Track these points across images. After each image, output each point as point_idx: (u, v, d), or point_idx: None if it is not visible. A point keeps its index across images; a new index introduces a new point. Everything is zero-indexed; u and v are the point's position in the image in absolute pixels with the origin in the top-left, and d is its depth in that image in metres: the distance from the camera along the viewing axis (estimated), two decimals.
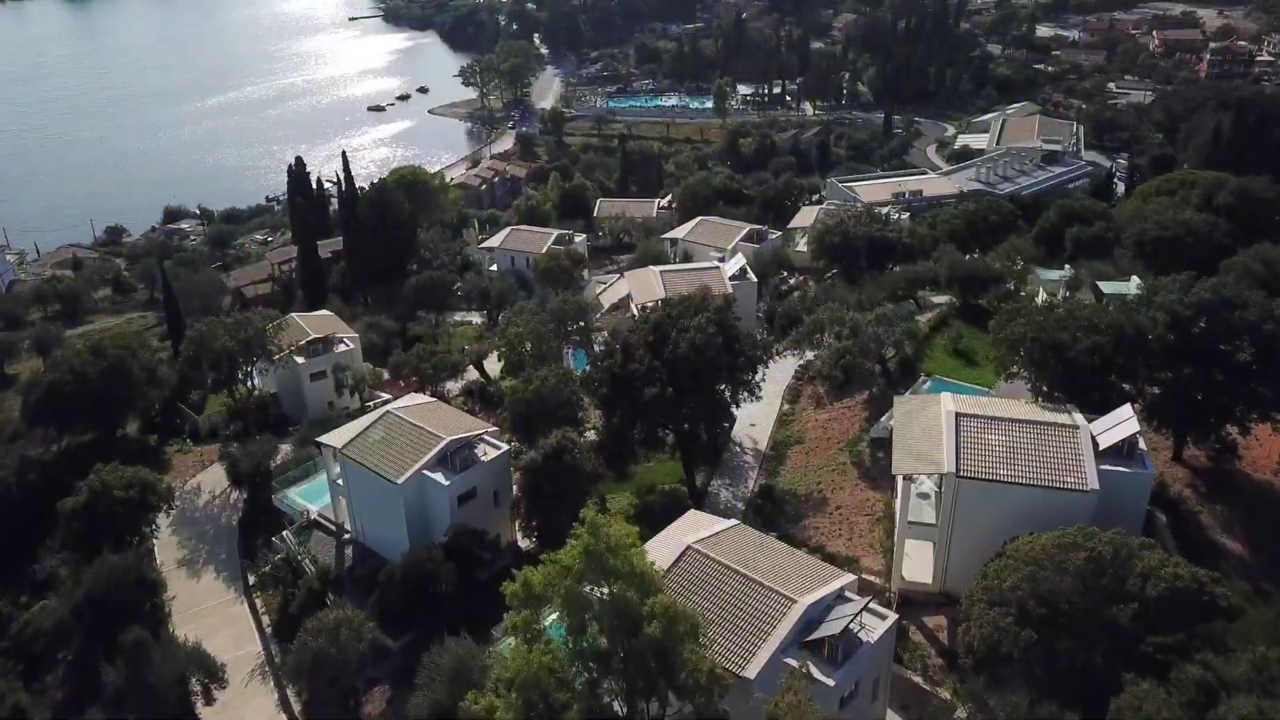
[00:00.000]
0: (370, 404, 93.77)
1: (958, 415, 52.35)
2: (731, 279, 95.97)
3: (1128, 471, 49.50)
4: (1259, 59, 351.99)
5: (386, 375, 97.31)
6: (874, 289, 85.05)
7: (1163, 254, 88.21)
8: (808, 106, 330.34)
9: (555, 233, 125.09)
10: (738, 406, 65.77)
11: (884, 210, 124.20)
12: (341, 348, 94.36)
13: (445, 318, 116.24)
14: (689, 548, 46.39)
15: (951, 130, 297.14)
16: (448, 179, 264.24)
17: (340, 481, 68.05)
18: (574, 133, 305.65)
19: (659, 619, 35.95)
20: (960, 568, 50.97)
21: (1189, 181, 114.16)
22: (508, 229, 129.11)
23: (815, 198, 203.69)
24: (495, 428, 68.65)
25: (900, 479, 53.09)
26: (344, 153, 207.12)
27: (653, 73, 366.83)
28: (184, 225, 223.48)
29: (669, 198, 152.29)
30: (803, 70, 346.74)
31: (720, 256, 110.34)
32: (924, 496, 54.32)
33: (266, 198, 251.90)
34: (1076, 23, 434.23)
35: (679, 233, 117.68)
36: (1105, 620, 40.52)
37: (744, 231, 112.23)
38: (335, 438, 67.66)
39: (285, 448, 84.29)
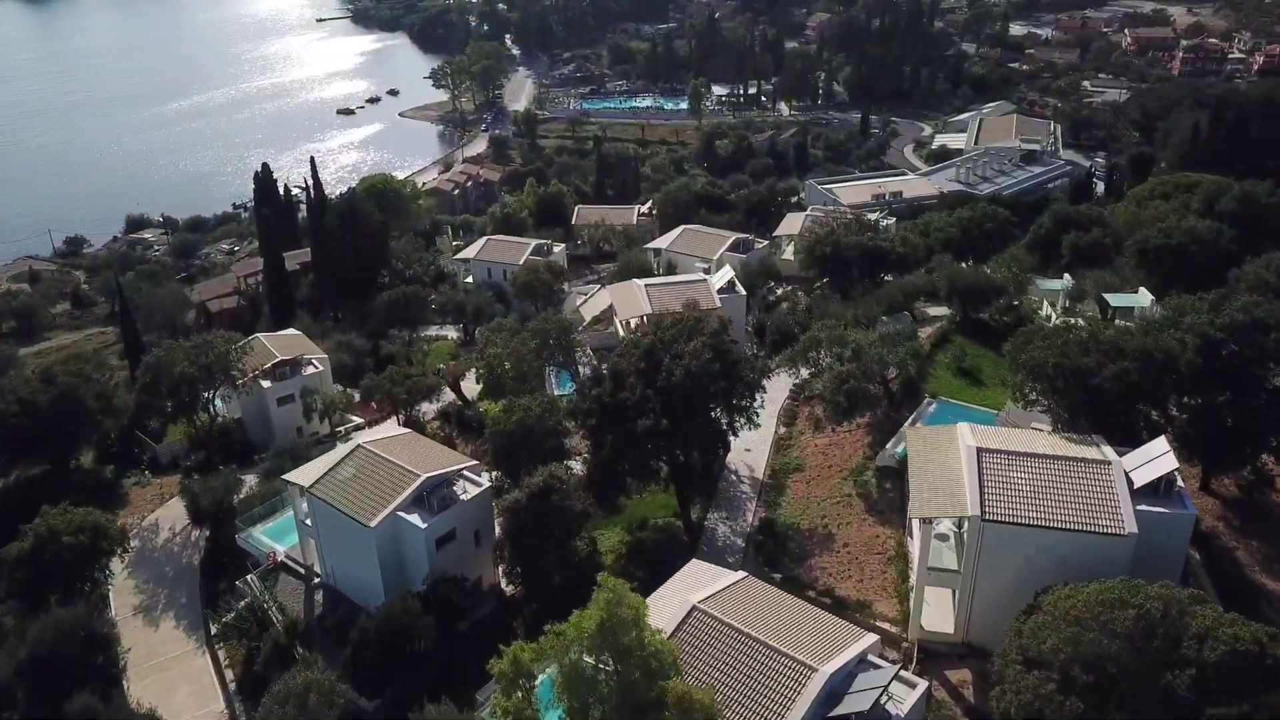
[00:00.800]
0: (341, 429, 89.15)
1: (979, 450, 48.37)
2: (720, 292, 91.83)
3: (1167, 513, 45.67)
4: (1230, 56, 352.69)
5: (358, 397, 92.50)
6: (870, 303, 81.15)
7: (1166, 263, 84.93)
8: (783, 107, 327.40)
9: (533, 242, 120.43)
10: (736, 435, 61.58)
11: (873, 217, 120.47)
12: (310, 370, 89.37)
13: (419, 333, 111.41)
14: (695, 608, 42.13)
15: (928, 130, 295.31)
16: (420, 184, 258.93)
17: (309, 522, 63.23)
18: (548, 135, 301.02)
19: (672, 709, 31.67)
20: (985, 617, 47.04)
21: (1185, 184, 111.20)
22: (483, 239, 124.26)
23: (796, 200, 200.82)
24: (475, 461, 64.09)
25: (917, 521, 49.01)
26: (312, 159, 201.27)
27: (626, 73, 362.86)
28: (147, 235, 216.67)
29: (649, 204, 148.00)
30: (778, 70, 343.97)
31: (706, 267, 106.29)
32: (942, 538, 50.32)
33: (234, 205, 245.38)
34: (1049, 21, 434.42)
35: (662, 243, 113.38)
36: (1160, 688, 36.63)
37: (729, 241, 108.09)
38: (302, 475, 62.84)
39: (251, 479, 79.29)
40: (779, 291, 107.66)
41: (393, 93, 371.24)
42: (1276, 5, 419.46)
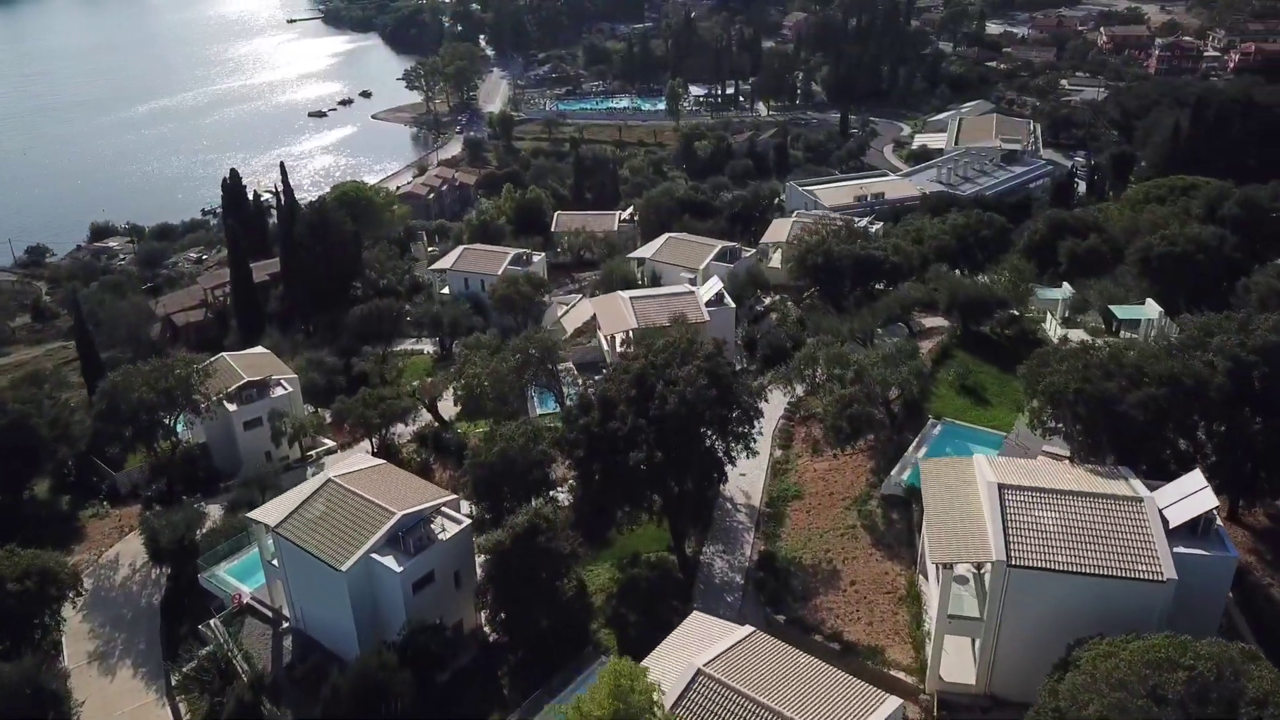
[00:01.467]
0: (313, 453, 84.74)
1: (1001, 487, 44.83)
2: (708, 305, 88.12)
3: (1207, 555, 42.26)
4: (1206, 54, 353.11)
5: (329, 419, 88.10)
6: (866, 316, 77.60)
7: (1170, 271, 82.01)
8: (761, 107, 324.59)
9: (512, 252, 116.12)
10: (733, 464, 57.77)
11: (863, 223, 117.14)
12: (278, 391, 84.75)
13: (394, 347, 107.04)
14: (700, 671, 38.28)
15: (907, 130, 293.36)
16: (394, 188, 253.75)
17: (276, 563, 58.92)
18: (523, 136, 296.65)
19: None
20: (1010, 667, 43.56)
21: (1181, 187, 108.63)
22: (460, 248, 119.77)
23: (777, 201, 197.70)
24: (454, 495, 59.94)
25: (937, 565, 45.40)
26: (282, 164, 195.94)
27: (602, 74, 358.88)
28: (112, 243, 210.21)
29: (630, 210, 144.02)
30: (755, 70, 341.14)
31: (691, 277, 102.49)
32: (961, 581, 46.77)
33: (202, 211, 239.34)
34: (1024, 20, 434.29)
35: (646, 252, 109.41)
36: None
37: (716, 250, 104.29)
38: (268, 513, 58.52)
39: (216, 509, 74.79)
40: (767, 301, 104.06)
41: (365, 94, 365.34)
42: (1247, 2, 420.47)
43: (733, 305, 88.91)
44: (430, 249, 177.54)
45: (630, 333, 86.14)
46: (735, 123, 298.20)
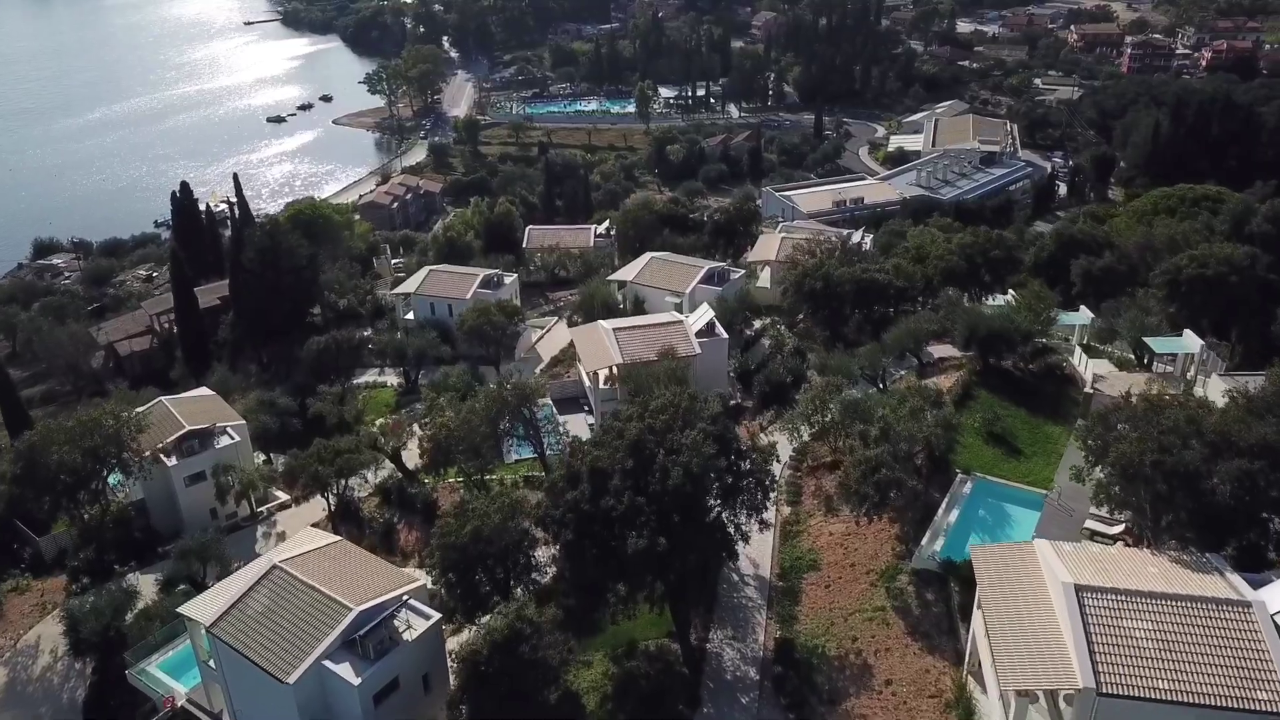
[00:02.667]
0: (264, 510, 76.18)
1: (1079, 590, 37.52)
2: (698, 335, 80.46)
3: None
4: (1178, 52, 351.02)
5: (282, 466, 79.70)
6: (876, 353, 70.10)
7: (1200, 295, 75.45)
8: (733, 109, 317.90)
9: (481, 273, 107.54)
10: (746, 541, 50.11)
11: (855, 238, 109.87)
12: (224, 441, 76.01)
13: (356, 379, 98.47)
14: None
15: (882, 131, 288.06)
16: (356, 197, 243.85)
17: (213, 664, 50.57)
18: (490, 141, 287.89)
19: None
20: None
21: (1192, 197, 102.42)
22: (425, 270, 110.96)
23: (760, 208, 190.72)
24: (420, 581, 51.83)
25: (1009, 692, 37.89)
26: (235, 177, 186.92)
27: (569, 76, 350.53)
28: (57, 260, 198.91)
29: (606, 224, 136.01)
30: (725, 71, 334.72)
31: (677, 303, 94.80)
32: (1029, 698, 39.34)
33: (155, 222, 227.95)
34: (993, 18, 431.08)
35: (627, 274, 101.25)
36: None
37: (702, 272, 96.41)
38: (204, 607, 50.09)
39: (151, 582, 66.19)
40: (757, 325, 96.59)
41: (326, 98, 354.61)
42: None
43: (725, 336, 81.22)
44: (395, 261, 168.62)
45: (614, 368, 78.47)
46: (707, 125, 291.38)
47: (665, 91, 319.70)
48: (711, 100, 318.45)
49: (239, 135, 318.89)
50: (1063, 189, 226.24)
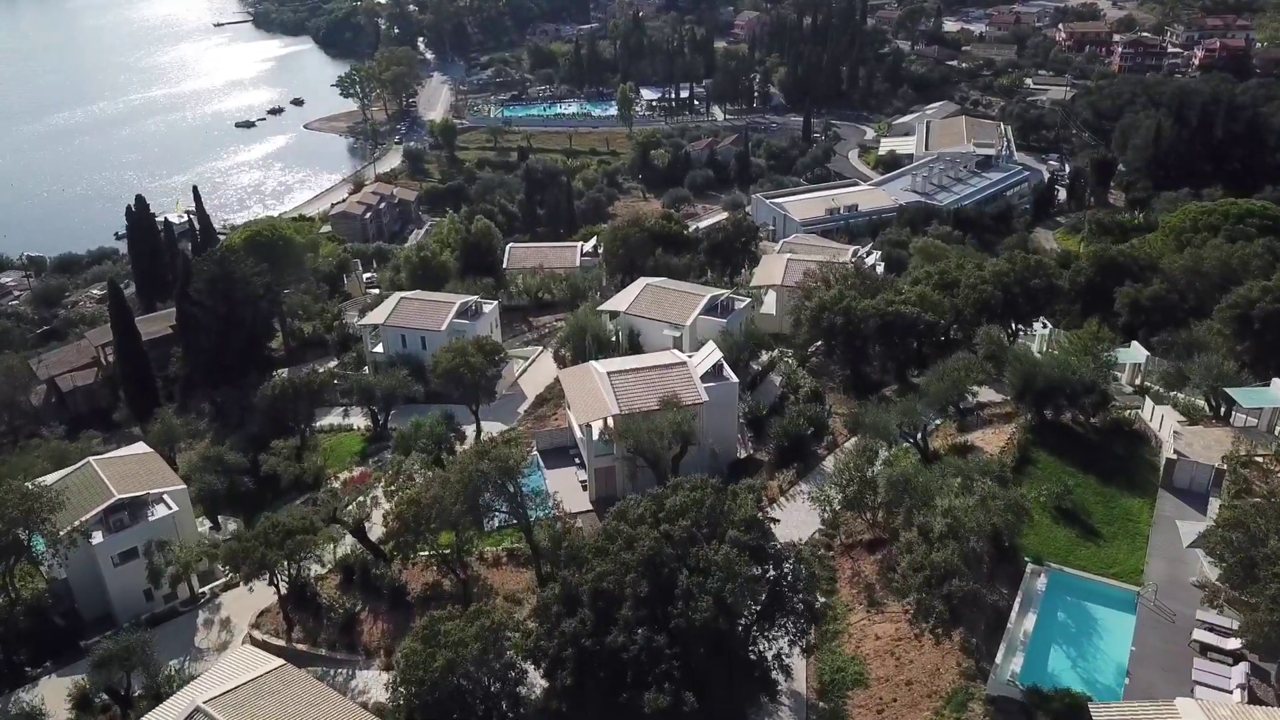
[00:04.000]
0: (205, 591, 66.22)
1: None
2: (704, 378, 70.97)
3: None
4: (1169, 50, 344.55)
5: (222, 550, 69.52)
6: (911, 409, 60.55)
7: (1274, 328, 66.61)
8: (718, 111, 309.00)
9: (456, 301, 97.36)
10: (789, 677, 40.66)
11: (870, 260, 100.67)
12: (159, 511, 66.20)
13: (319, 420, 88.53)
14: None
15: (871, 133, 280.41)
16: (328, 206, 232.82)
17: None
18: (467, 146, 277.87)
19: None
20: None
21: (1233, 213, 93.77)
22: (396, 297, 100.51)
23: (751, 216, 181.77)
24: None
25: None
26: (195, 189, 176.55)
27: (549, 78, 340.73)
28: (6, 279, 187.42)
29: (593, 241, 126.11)
30: (709, 72, 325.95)
31: (677, 335, 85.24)
32: None
33: (116, 235, 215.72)
34: (978, 16, 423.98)
35: (620, 303, 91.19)
36: None
37: (704, 301, 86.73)
38: None
39: (66, 692, 56.09)
40: (765, 358, 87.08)
41: (297, 102, 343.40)
42: None
43: (735, 380, 71.70)
44: (367, 276, 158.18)
45: (610, 420, 68.89)
46: (692, 129, 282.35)
47: (648, 93, 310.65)
48: (695, 102, 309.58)
49: (207, 141, 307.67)
50: (1062, 194, 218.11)
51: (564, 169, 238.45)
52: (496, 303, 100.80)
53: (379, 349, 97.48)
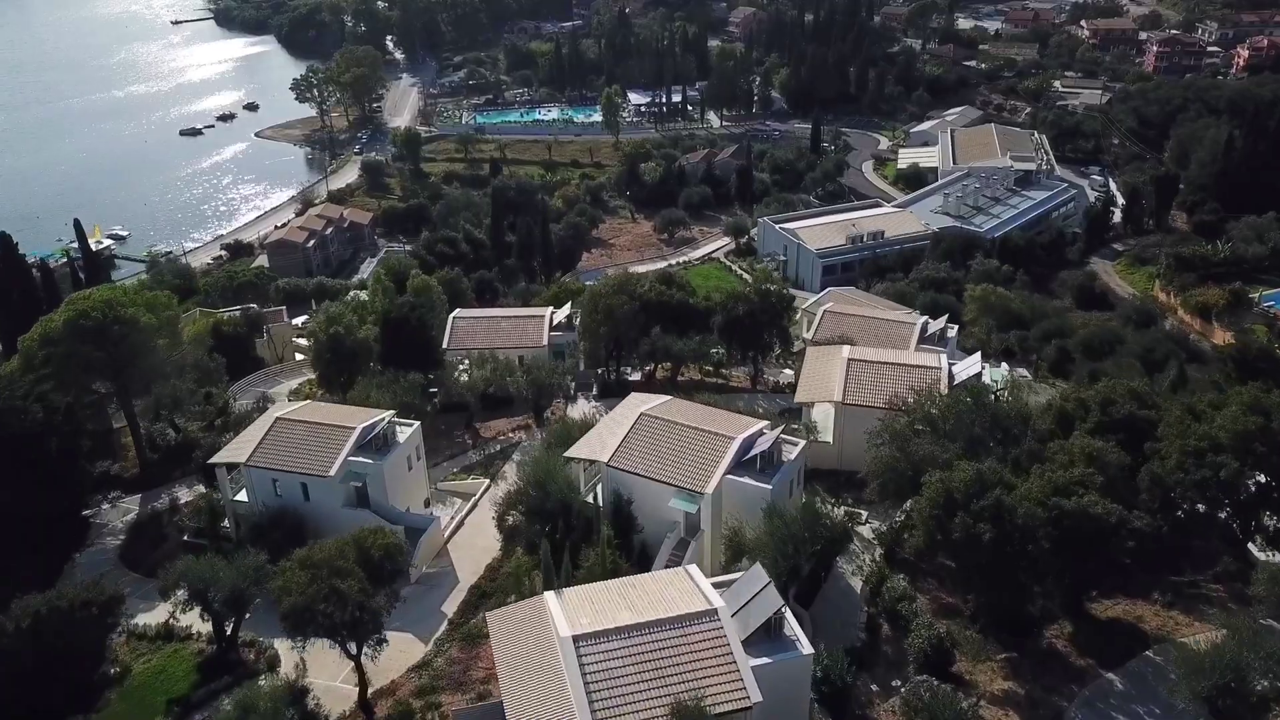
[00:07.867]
0: None
1: None
2: (749, 647, 39.72)
3: None
4: (1209, 50, 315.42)
5: None
6: None
7: None
8: (713, 117, 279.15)
9: (359, 425, 65.58)
10: None
11: (992, 378, 69.27)
12: None
13: (124, 632, 56.93)
14: None
15: (885, 142, 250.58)
16: (261, 233, 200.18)
17: None
18: (434, 157, 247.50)
19: None
20: None
21: None
22: (271, 418, 68.09)
23: (747, 239, 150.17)
24: None
25: None
26: (77, 221, 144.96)
27: (527, 80, 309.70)
28: None
29: (567, 309, 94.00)
30: (703, 74, 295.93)
31: (694, 508, 53.77)
32: None
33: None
34: (989, 12, 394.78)
35: (600, 446, 58.56)
36: None
37: (734, 447, 54.98)
38: None
39: None
40: (826, 521, 54.61)
41: (251, 107, 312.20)
42: None
43: (806, 650, 40.33)
44: (298, 321, 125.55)
45: None
46: (685, 137, 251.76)
47: (635, 98, 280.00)
48: (689, 107, 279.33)
49: (146, 152, 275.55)
50: (1116, 214, 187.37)
51: (541, 185, 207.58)
52: (417, 425, 68.36)
53: (242, 496, 65.83)
